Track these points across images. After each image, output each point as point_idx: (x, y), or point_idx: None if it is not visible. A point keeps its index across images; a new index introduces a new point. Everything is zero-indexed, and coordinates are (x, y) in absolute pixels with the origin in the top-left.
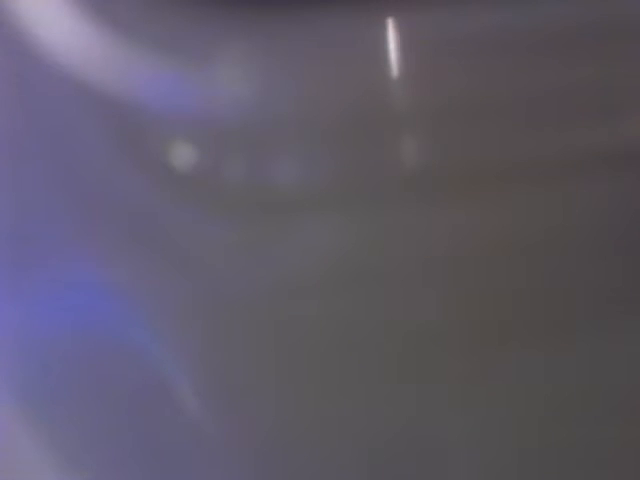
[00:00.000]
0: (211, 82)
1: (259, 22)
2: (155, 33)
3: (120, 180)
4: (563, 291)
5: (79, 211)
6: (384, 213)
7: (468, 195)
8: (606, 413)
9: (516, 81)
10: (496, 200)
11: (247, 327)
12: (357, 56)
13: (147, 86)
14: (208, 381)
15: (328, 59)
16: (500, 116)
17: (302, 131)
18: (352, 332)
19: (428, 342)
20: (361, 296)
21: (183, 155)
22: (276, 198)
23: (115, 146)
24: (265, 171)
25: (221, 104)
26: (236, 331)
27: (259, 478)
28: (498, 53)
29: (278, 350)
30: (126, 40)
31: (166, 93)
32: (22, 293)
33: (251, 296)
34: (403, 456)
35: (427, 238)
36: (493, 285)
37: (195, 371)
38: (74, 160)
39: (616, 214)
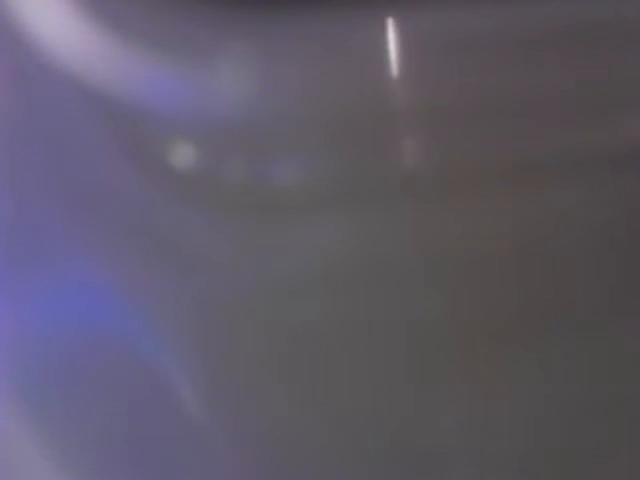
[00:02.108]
0: (211, 82)
1: (259, 22)
2: (155, 33)
3: (120, 180)
4: (563, 291)
5: (79, 210)
6: (384, 213)
7: (468, 195)
8: (606, 413)
9: (516, 81)
10: (496, 200)
11: (248, 327)
12: (357, 56)
13: (147, 86)
14: (208, 381)
15: (328, 59)
16: (500, 116)
17: (302, 131)
18: (352, 332)
19: (428, 342)
20: (361, 296)
21: (183, 155)
22: (276, 198)
23: (115, 146)
24: (265, 171)
25: (221, 104)
26: (237, 331)
27: (259, 478)
28: (498, 53)
29: (278, 350)
30: (126, 40)
31: (166, 93)
32: (21, 293)
33: (251, 296)
34: (403, 456)
35: (427, 238)
36: (493, 285)
37: (195, 371)
38: (74, 160)
39: (616, 214)
